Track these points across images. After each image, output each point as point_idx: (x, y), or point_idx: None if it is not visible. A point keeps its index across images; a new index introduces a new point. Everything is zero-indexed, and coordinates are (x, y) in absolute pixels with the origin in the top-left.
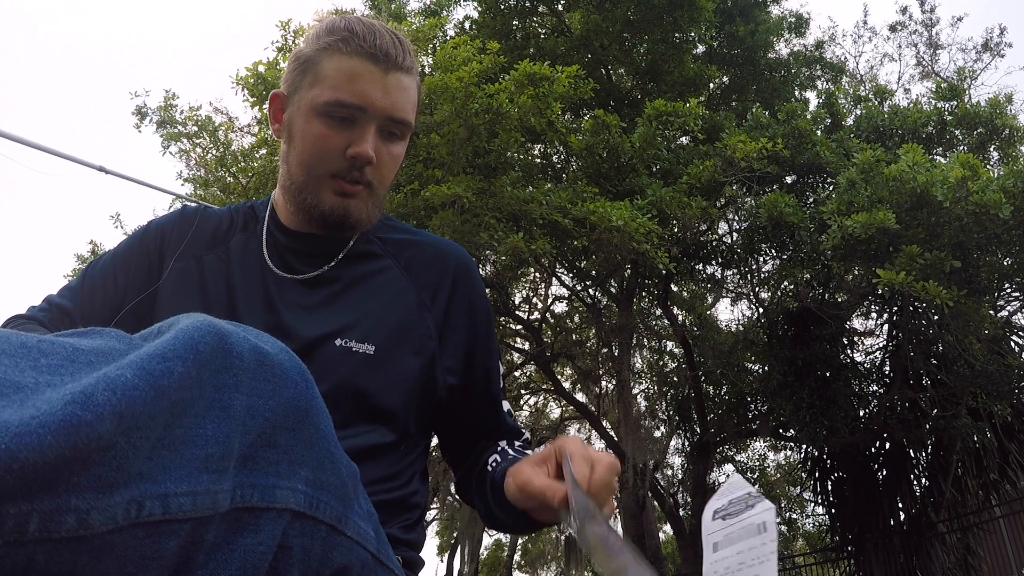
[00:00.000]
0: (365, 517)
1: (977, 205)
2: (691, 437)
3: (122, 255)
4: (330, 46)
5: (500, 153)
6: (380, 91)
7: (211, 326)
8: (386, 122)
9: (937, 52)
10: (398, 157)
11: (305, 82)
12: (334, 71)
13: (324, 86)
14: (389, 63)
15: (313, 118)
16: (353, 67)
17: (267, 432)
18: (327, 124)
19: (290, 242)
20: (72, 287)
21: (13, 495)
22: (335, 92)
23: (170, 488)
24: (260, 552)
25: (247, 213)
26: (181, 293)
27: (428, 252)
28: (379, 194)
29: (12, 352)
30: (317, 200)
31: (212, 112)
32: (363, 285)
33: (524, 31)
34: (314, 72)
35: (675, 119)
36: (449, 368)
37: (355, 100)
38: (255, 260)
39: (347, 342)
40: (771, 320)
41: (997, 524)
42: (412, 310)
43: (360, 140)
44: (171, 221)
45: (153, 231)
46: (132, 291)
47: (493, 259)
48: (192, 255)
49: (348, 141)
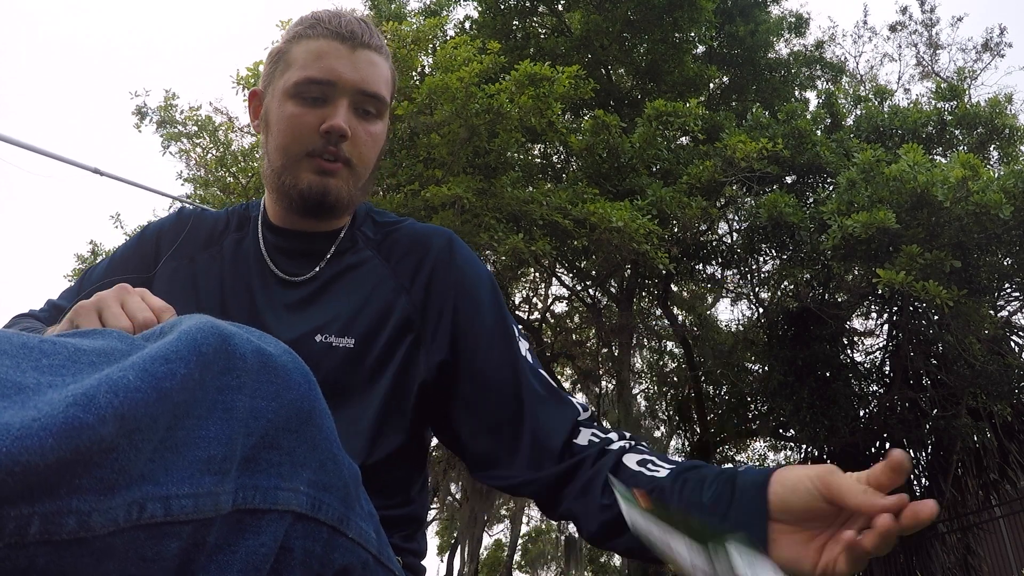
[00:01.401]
0: (366, 518)
1: (977, 205)
2: (691, 437)
3: (120, 258)
4: (298, 34)
5: (500, 153)
6: (349, 66)
7: (214, 327)
8: (358, 97)
9: (937, 52)
10: (376, 135)
11: (277, 71)
12: (302, 54)
13: (294, 69)
14: (355, 40)
15: (286, 101)
16: (320, 47)
17: (270, 434)
18: (300, 104)
19: (279, 241)
20: (71, 292)
21: (14, 498)
22: (304, 71)
23: (172, 490)
24: (262, 554)
25: (241, 214)
26: (174, 292)
27: (409, 237)
28: (359, 173)
29: (14, 352)
30: (295, 180)
31: (212, 112)
32: (344, 280)
33: (524, 31)
34: (285, 60)
35: (675, 119)
36: (439, 346)
37: (324, 76)
38: (244, 260)
39: (327, 337)
40: (771, 320)
41: (997, 524)
42: (389, 295)
43: (332, 115)
44: (168, 223)
45: (150, 234)
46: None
47: (493, 259)
48: (186, 255)
49: (322, 118)
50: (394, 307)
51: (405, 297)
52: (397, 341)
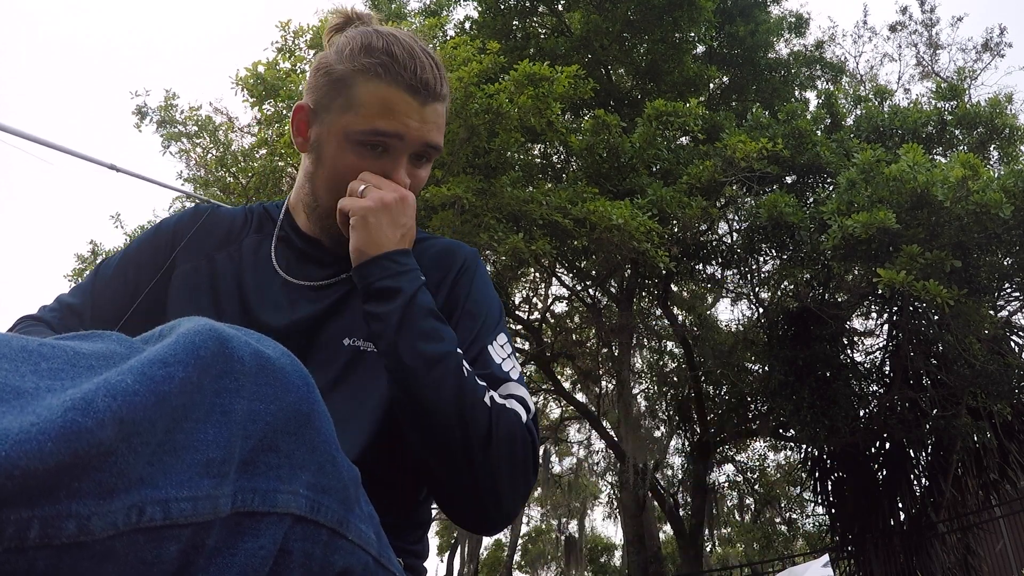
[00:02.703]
0: (366, 520)
1: (977, 205)
2: (691, 437)
3: (133, 253)
4: (367, 69)
5: (500, 153)
6: (418, 121)
7: (212, 330)
8: (419, 148)
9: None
10: (424, 179)
11: (337, 103)
12: (370, 98)
13: (359, 114)
14: (428, 94)
15: (346, 146)
16: (391, 98)
17: (268, 436)
18: (360, 154)
19: (307, 247)
20: (83, 286)
21: (14, 502)
22: (372, 122)
23: (171, 493)
24: (261, 556)
25: (261, 214)
26: (192, 291)
27: (436, 251)
28: None
29: (12, 356)
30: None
31: (212, 112)
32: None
33: (524, 31)
34: (347, 95)
35: (675, 119)
36: None
37: (392, 130)
38: (266, 263)
39: (355, 341)
40: (771, 320)
41: (997, 524)
42: None
43: (394, 170)
44: (182, 219)
45: (164, 229)
46: (143, 287)
47: (493, 259)
48: (203, 254)
49: (381, 171)
50: None
51: None
52: None
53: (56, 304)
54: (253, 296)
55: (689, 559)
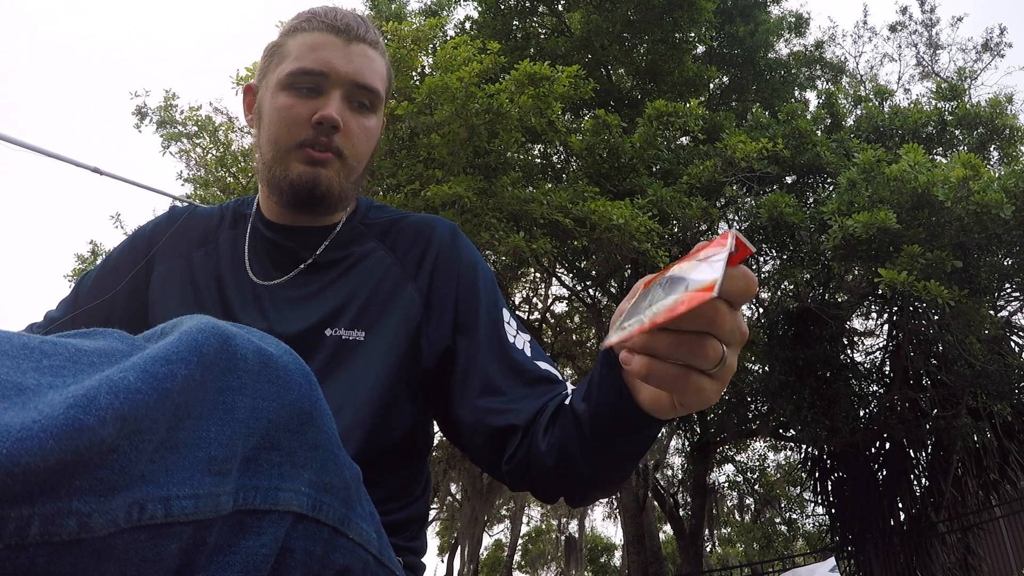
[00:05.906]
0: (367, 518)
1: (978, 205)
2: (691, 437)
3: (112, 262)
4: (294, 28)
5: (500, 153)
6: (343, 58)
7: (215, 328)
8: (352, 89)
9: (937, 52)
10: (369, 129)
11: (272, 64)
12: (297, 46)
13: (288, 61)
14: (350, 34)
15: (279, 92)
16: (315, 39)
17: (270, 434)
18: (292, 95)
19: (274, 236)
20: (66, 300)
21: (14, 499)
22: (297, 62)
23: (172, 491)
24: (262, 554)
25: (236, 209)
26: (173, 291)
27: (413, 228)
28: (351, 166)
29: (14, 353)
30: (286, 171)
31: (212, 112)
32: (349, 271)
33: (524, 31)
34: (280, 53)
35: (675, 119)
36: (442, 334)
37: (317, 66)
38: (240, 257)
39: (337, 331)
40: (771, 320)
41: (997, 524)
42: (397, 283)
43: (324, 106)
44: (159, 223)
45: (140, 235)
46: (121, 294)
47: (493, 259)
48: (181, 253)
49: (314, 109)
50: (402, 296)
51: (412, 286)
52: (405, 330)
53: (44, 321)
54: (232, 295)
55: (689, 559)
